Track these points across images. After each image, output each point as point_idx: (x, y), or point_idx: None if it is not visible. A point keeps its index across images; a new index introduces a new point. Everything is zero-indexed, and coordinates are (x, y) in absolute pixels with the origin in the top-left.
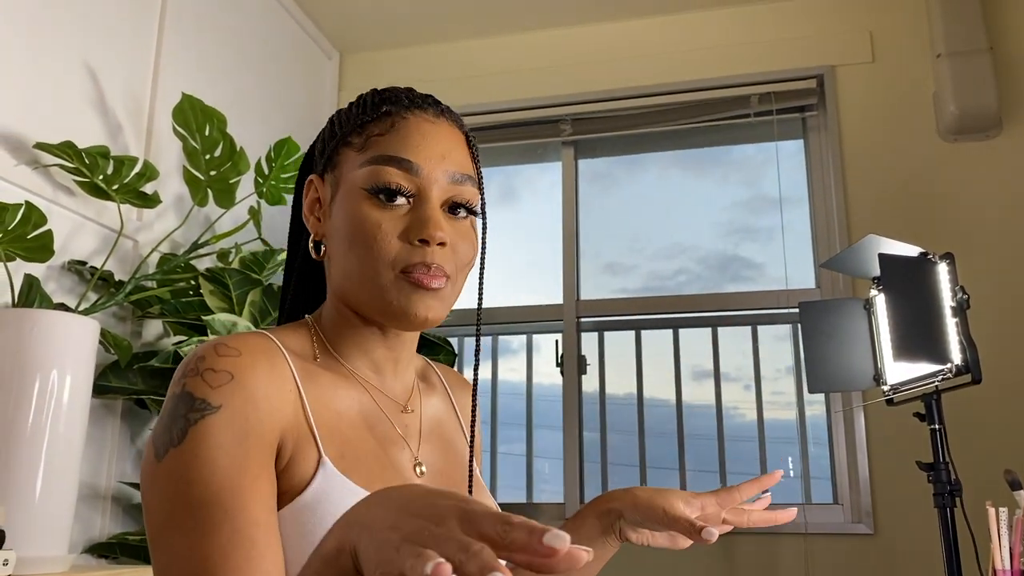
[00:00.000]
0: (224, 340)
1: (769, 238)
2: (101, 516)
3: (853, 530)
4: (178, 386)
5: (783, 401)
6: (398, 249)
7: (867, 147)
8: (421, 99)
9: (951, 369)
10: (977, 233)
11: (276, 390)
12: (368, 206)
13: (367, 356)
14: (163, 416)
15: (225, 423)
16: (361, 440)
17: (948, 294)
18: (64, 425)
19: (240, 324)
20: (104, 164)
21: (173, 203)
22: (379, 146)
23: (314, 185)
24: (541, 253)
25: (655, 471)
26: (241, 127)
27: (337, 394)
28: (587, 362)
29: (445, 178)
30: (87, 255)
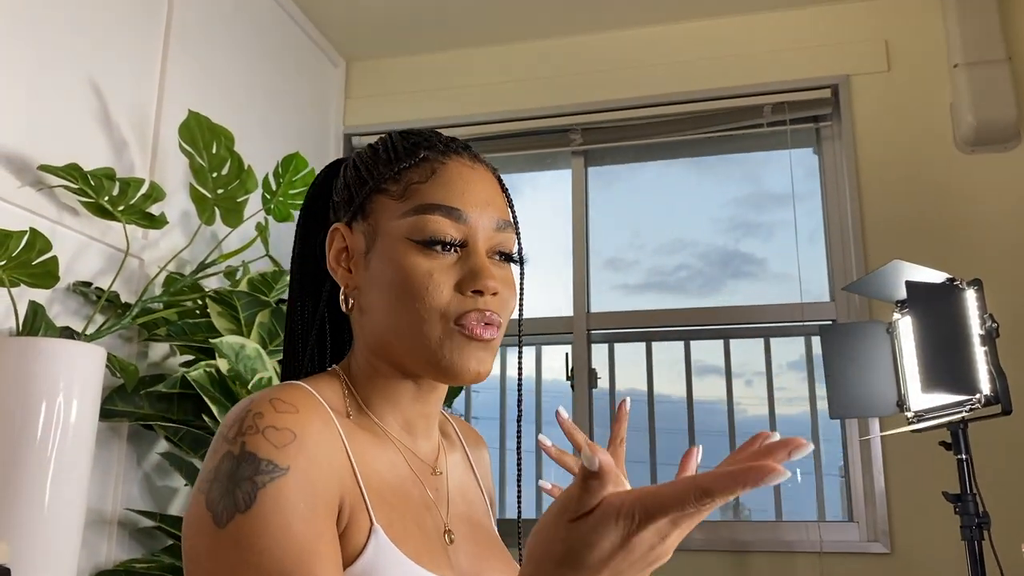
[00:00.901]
0: (278, 395)
1: (770, 234)
2: (107, 542)
3: (869, 549)
4: (235, 445)
5: (796, 397)
6: (450, 299)
7: (882, 158)
8: (455, 143)
9: (980, 399)
10: (994, 246)
11: (333, 450)
12: (416, 256)
13: (400, 413)
14: (218, 477)
15: (296, 486)
16: (404, 507)
17: (976, 321)
18: (69, 454)
19: (248, 346)
20: (110, 186)
21: (179, 219)
22: (422, 194)
23: (340, 233)
24: (548, 257)
25: (665, 467)
26: (247, 137)
27: (377, 455)
28: (598, 375)
29: (490, 225)
30: (92, 275)
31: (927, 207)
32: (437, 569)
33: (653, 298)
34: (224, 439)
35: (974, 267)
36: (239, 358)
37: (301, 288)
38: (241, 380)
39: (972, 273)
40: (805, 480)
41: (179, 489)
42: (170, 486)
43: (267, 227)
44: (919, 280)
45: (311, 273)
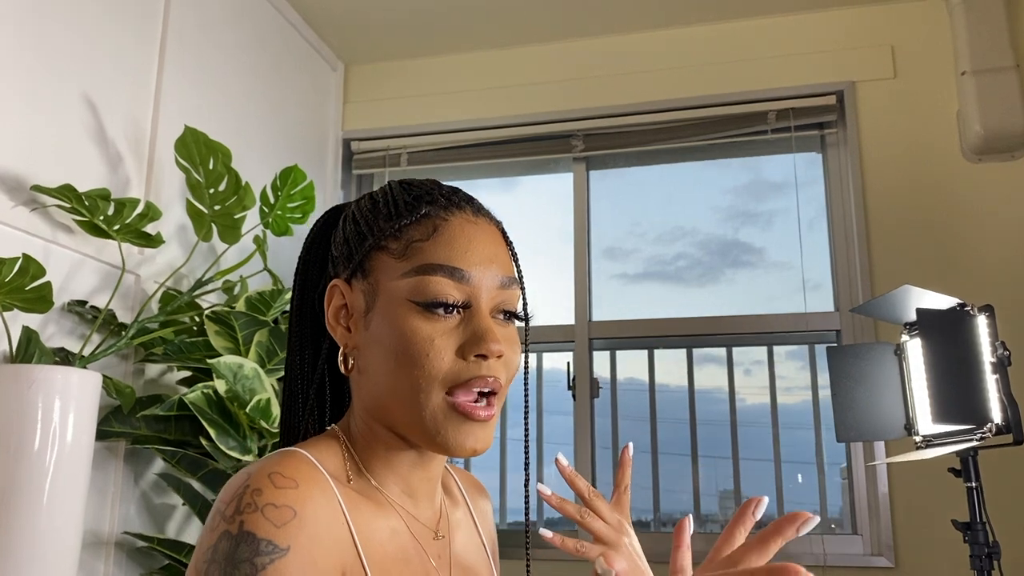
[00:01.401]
0: (277, 468)
1: (768, 223)
2: (104, 563)
3: (873, 563)
4: (232, 524)
5: (795, 387)
6: (451, 365)
7: (888, 165)
8: (457, 196)
9: (991, 429)
10: (1000, 257)
11: (333, 525)
12: (417, 319)
13: (400, 479)
14: (215, 558)
15: (297, 567)
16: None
17: (988, 349)
18: (65, 477)
19: (247, 366)
20: (104, 206)
21: (177, 232)
22: (423, 254)
23: (339, 290)
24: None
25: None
26: (245, 144)
27: (378, 524)
28: (600, 385)
29: (494, 283)
30: (88, 293)
31: (933, 216)
32: None
33: (652, 287)
34: (221, 516)
35: (979, 278)
36: (237, 378)
37: (300, 342)
38: (239, 401)
39: (978, 288)
40: (807, 480)
41: (177, 507)
42: (168, 503)
43: (265, 240)
44: (929, 307)
45: (310, 326)
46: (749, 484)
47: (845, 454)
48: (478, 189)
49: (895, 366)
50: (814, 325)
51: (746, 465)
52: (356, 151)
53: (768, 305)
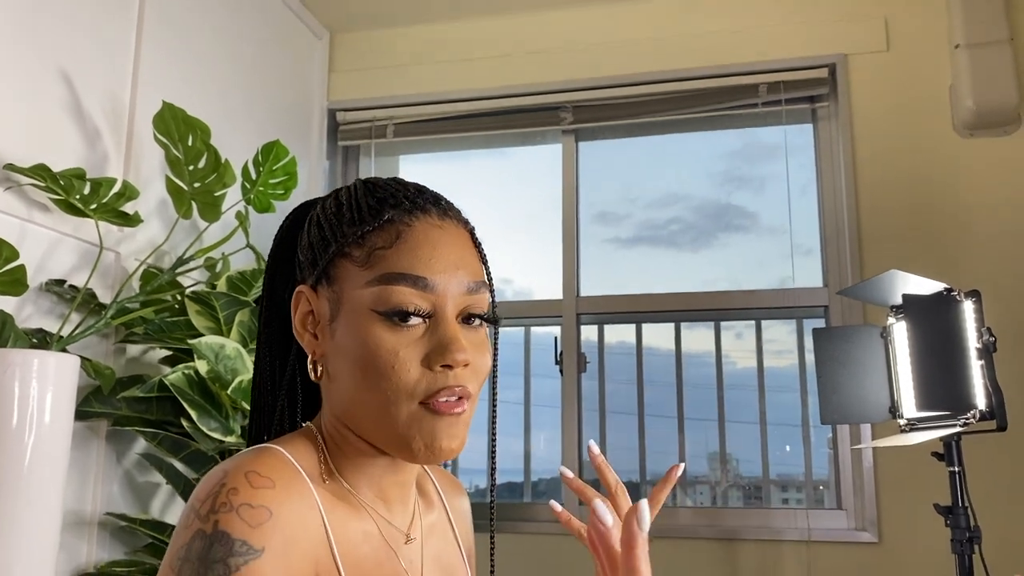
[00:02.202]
0: (254, 467)
1: (761, 187)
2: (87, 543)
3: (857, 538)
4: (207, 523)
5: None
6: (418, 376)
7: (879, 139)
8: (422, 199)
9: (975, 415)
10: (990, 233)
11: (309, 526)
12: (380, 330)
13: (373, 483)
14: (188, 557)
15: (271, 568)
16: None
17: (973, 335)
18: (45, 458)
19: (228, 346)
20: (80, 185)
21: (157, 208)
22: (386, 262)
23: (305, 297)
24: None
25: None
26: (227, 117)
27: (352, 527)
28: (587, 360)
29: (460, 289)
30: (67, 271)
31: (923, 192)
32: None
33: (645, 251)
34: (196, 515)
35: (967, 257)
36: (219, 359)
37: (269, 340)
38: (221, 382)
39: (966, 268)
40: (794, 449)
41: (160, 486)
42: (151, 482)
43: (247, 217)
44: (916, 292)
45: (279, 327)
46: (735, 446)
47: (831, 428)
48: (466, 159)
49: (881, 349)
50: (802, 301)
51: (732, 428)
52: (342, 122)
53: (758, 272)
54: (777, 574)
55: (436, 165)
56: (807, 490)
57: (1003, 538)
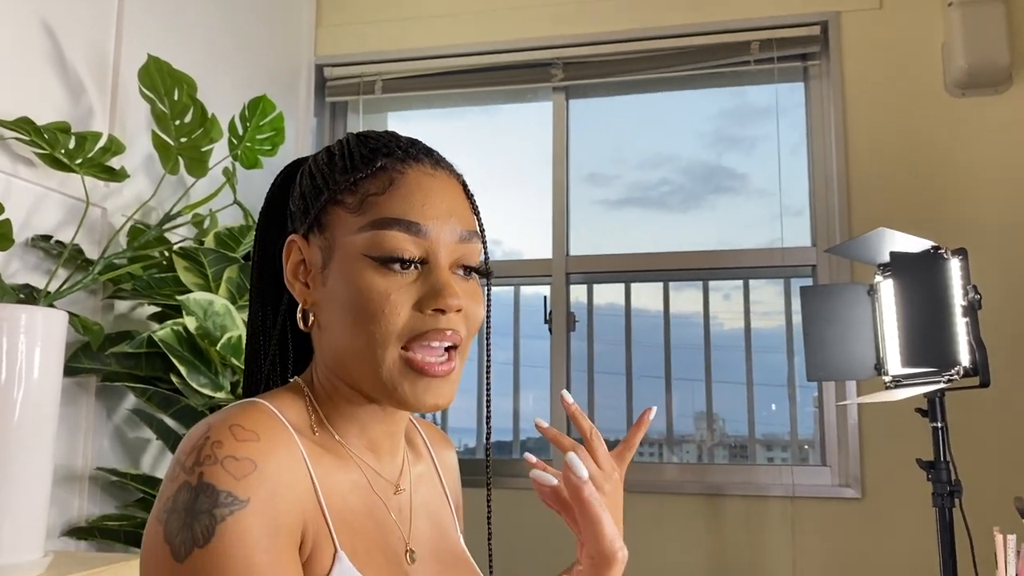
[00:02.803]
0: (238, 420)
1: (751, 148)
2: (79, 497)
3: (840, 494)
4: (192, 475)
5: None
6: (407, 320)
7: (870, 97)
8: (414, 147)
9: (958, 372)
10: (980, 193)
11: (296, 477)
12: (373, 275)
13: (363, 433)
14: (175, 508)
15: (256, 519)
16: (366, 531)
17: (959, 292)
18: (33, 417)
19: (217, 303)
20: (65, 139)
21: (144, 163)
22: (379, 207)
23: (297, 246)
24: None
25: (641, 379)
26: (212, 72)
27: (340, 478)
28: (576, 319)
29: (453, 238)
30: (53, 227)
31: (913, 151)
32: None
33: (634, 212)
34: (181, 467)
35: (956, 217)
36: (207, 315)
37: (261, 296)
38: (210, 338)
39: (954, 227)
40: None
41: (151, 441)
42: (142, 437)
43: (235, 173)
44: (903, 251)
45: (271, 281)
46: (722, 406)
47: (817, 385)
48: (456, 117)
49: (868, 306)
50: (790, 260)
51: (719, 388)
52: (329, 77)
53: (747, 233)
54: (762, 529)
55: (425, 123)
56: (792, 448)
57: (983, 492)
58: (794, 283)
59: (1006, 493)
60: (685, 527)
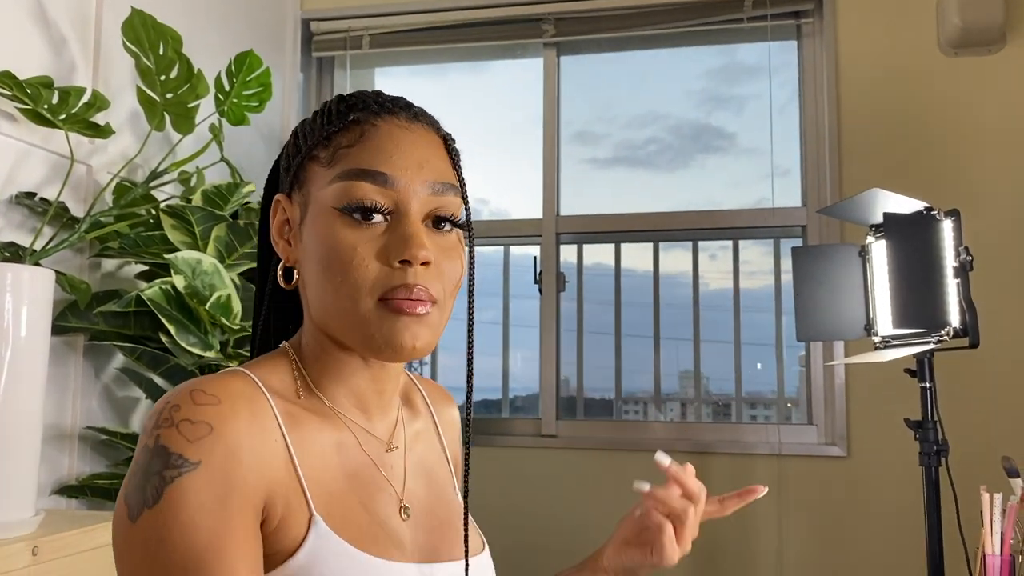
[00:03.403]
0: (201, 386)
1: (740, 107)
2: (68, 456)
3: (826, 452)
4: (151, 438)
5: (758, 271)
6: (376, 273)
7: (863, 57)
8: (392, 102)
9: (948, 332)
10: (972, 154)
11: (260, 442)
12: (341, 227)
13: (351, 391)
14: (135, 471)
15: (205, 481)
16: (349, 491)
17: (951, 253)
18: (21, 376)
19: (205, 261)
20: (48, 95)
21: (129, 120)
22: (348, 159)
23: (281, 205)
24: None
25: (630, 339)
26: (196, 26)
27: (322, 439)
28: (566, 279)
29: (425, 189)
30: (36, 184)
31: (905, 111)
32: (383, 553)
33: (622, 172)
34: (144, 431)
35: (948, 177)
36: (196, 274)
37: (261, 261)
38: (199, 297)
39: (948, 187)
40: (766, 366)
41: (140, 400)
42: (131, 396)
43: (221, 129)
44: (896, 211)
45: (268, 245)
46: (709, 365)
47: (804, 345)
48: (444, 73)
49: (859, 267)
50: (780, 220)
51: (707, 347)
52: (316, 32)
53: (736, 193)
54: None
55: (413, 79)
56: (779, 406)
57: (968, 452)
58: (783, 243)
59: (991, 453)
60: None
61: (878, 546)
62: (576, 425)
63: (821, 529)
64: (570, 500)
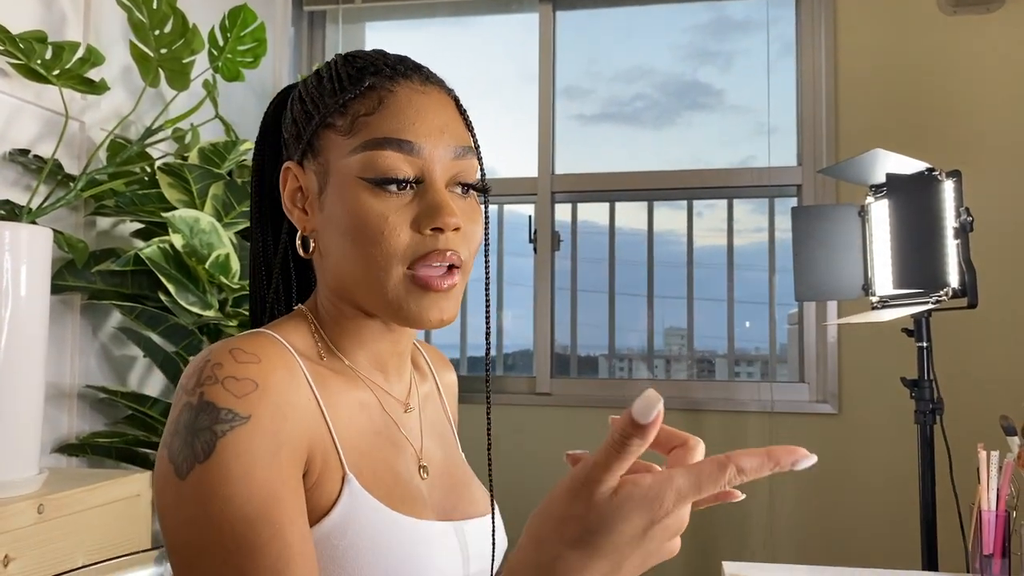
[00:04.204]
0: (239, 345)
1: (729, 63)
2: (68, 415)
3: (817, 409)
4: (193, 396)
5: (744, 229)
6: (408, 241)
7: (861, 15)
8: (402, 64)
9: (947, 293)
10: (970, 113)
11: (299, 399)
12: (369, 197)
13: (371, 353)
14: (178, 430)
15: (258, 434)
16: (376, 450)
17: (951, 214)
18: (22, 335)
19: (203, 220)
20: (41, 49)
21: (121, 76)
22: (370, 128)
23: (293, 173)
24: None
25: (623, 297)
26: None
27: (348, 400)
28: (560, 238)
29: (447, 155)
30: (30, 141)
31: (904, 69)
32: (411, 511)
33: (608, 129)
34: (184, 391)
35: (947, 138)
36: (194, 232)
37: (260, 225)
38: (198, 256)
39: (947, 147)
40: (757, 325)
41: (137, 359)
42: (129, 355)
43: (215, 86)
44: (899, 172)
45: (270, 209)
46: (702, 323)
47: (799, 306)
48: (437, 28)
49: (858, 227)
50: (776, 180)
51: (700, 305)
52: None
53: (726, 151)
54: (740, 442)
55: (405, 33)
56: (771, 364)
57: (962, 410)
58: (778, 203)
59: (986, 411)
60: None
61: (868, 502)
62: (570, 383)
63: (812, 483)
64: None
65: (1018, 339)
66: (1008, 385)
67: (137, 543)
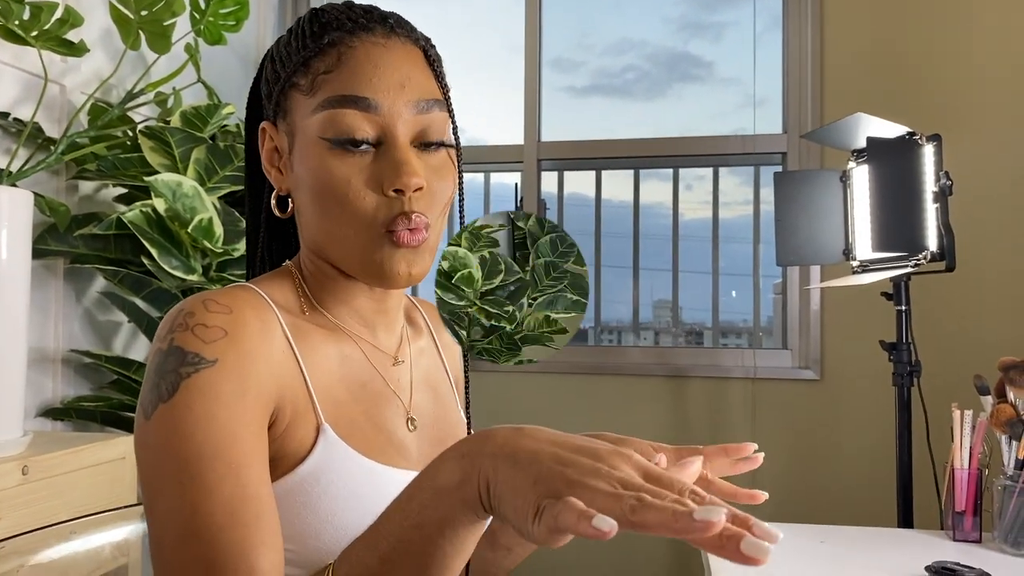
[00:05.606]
0: (212, 296)
1: (719, 34)
2: (52, 379)
3: (800, 375)
4: (164, 343)
5: (731, 201)
6: (375, 204)
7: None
8: (365, 16)
9: (926, 256)
10: (953, 81)
11: (271, 350)
12: (330, 158)
13: (354, 310)
14: (148, 376)
15: (223, 377)
16: (355, 401)
17: (931, 178)
18: (3, 299)
19: (186, 184)
20: (19, 9)
21: (102, 38)
22: (329, 86)
23: (268, 134)
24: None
25: (609, 269)
26: None
27: (328, 351)
28: (547, 206)
29: (409, 110)
30: (9, 104)
31: (889, 36)
32: (389, 461)
33: (599, 101)
34: (157, 338)
35: (929, 104)
36: (177, 196)
37: (251, 185)
38: (181, 220)
39: (929, 112)
40: (741, 295)
41: (122, 324)
42: (113, 320)
43: (197, 49)
44: (880, 136)
45: (257, 170)
46: (687, 295)
47: (781, 272)
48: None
49: (839, 192)
50: (761, 147)
51: (685, 277)
52: None
53: (715, 122)
54: (723, 408)
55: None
56: (754, 334)
57: (939, 372)
58: (763, 171)
59: (962, 373)
60: (650, 407)
61: (849, 464)
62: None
63: (795, 447)
64: (550, 424)
65: (994, 301)
66: (983, 346)
67: (122, 504)
